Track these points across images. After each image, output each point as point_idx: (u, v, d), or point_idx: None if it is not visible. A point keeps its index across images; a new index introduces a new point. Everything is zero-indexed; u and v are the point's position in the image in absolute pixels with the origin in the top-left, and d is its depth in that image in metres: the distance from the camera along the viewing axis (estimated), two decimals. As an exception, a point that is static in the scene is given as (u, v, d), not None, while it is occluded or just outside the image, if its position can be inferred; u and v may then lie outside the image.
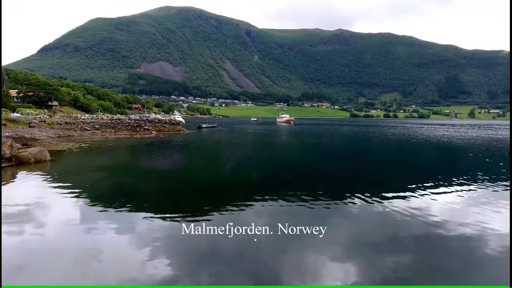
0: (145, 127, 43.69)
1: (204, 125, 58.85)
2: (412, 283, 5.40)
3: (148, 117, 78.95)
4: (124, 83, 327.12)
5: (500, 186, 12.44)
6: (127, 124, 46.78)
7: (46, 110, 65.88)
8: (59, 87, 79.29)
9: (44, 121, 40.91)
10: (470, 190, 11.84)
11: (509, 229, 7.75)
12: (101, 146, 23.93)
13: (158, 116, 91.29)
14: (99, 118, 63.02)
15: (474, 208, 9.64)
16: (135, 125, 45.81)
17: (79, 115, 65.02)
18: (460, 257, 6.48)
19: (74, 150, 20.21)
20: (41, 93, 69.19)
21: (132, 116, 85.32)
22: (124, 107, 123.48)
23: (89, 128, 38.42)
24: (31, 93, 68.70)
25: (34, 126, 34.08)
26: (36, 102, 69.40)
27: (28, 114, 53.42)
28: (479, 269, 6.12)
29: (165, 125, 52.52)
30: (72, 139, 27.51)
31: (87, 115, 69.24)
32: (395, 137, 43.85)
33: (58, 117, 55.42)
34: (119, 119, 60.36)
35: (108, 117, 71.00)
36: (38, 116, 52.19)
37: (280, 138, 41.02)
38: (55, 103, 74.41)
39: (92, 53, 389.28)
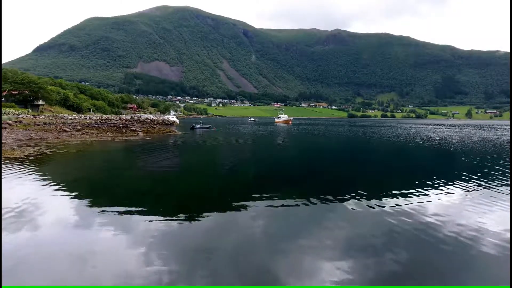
0: (132, 128, 40.66)
1: (198, 126, 55.83)
2: (411, 283, 5.32)
3: (140, 117, 75.71)
4: (120, 82, 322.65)
5: (500, 186, 12.20)
6: (112, 124, 43.66)
7: (30, 110, 62.54)
8: (47, 86, 75.88)
9: (20, 122, 37.75)
10: (472, 190, 11.63)
11: (509, 229, 7.63)
12: (69, 152, 20.65)
13: (151, 116, 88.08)
14: (87, 118, 59.81)
15: (475, 208, 9.44)
16: (121, 125, 42.73)
17: (66, 115, 61.68)
18: (460, 257, 6.35)
19: (31, 157, 16.85)
20: (26, 92, 65.83)
21: (123, 116, 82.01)
22: (119, 107, 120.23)
23: (69, 130, 35.35)
24: (15, 92, 65.37)
25: (5, 127, 30.98)
26: (20, 101, 66.10)
27: (8, 114, 50.20)
28: (479, 269, 6.04)
29: (155, 126, 49.39)
30: (42, 143, 24.45)
31: (74, 115, 65.96)
32: (396, 138, 41.08)
33: (43, 117, 52.16)
34: (105, 120, 57.15)
35: (97, 117, 67.77)
36: (20, 116, 48.97)
37: (280, 140, 38.32)
38: (42, 102, 71.00)
39: (87, 53, 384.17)
